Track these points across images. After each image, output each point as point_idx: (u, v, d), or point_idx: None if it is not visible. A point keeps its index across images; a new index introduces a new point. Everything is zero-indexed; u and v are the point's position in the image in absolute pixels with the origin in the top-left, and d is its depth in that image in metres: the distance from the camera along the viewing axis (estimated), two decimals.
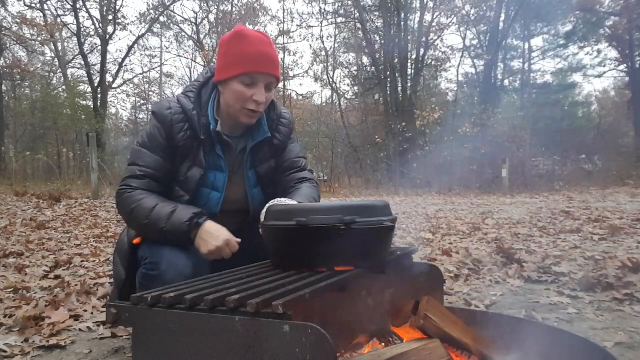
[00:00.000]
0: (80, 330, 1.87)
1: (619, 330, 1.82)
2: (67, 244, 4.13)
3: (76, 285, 2.56)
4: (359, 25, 21.58)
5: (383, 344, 1.31)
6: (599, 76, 24.17)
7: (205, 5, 23.18)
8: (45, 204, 7.57)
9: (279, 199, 1.50)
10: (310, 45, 48.47)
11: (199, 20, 23.36)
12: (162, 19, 22.76)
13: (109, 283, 2.58)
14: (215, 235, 1.40)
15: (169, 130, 1.49)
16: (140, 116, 26.08)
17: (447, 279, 2.65)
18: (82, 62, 20.92)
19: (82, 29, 19.95)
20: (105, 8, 20.20)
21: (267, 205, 1.39)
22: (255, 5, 23.14)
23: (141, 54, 37.61)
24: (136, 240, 1.49)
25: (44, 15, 19.35)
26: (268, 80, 1.48)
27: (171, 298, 0.95)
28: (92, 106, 19.30)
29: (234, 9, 23.27)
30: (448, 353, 1.15)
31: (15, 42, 19.42)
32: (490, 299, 2.32)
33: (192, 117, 1.50)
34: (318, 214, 1.12)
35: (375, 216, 1.16)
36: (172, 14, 22.99)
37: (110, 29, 20.45)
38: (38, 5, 19.20)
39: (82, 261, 3.31)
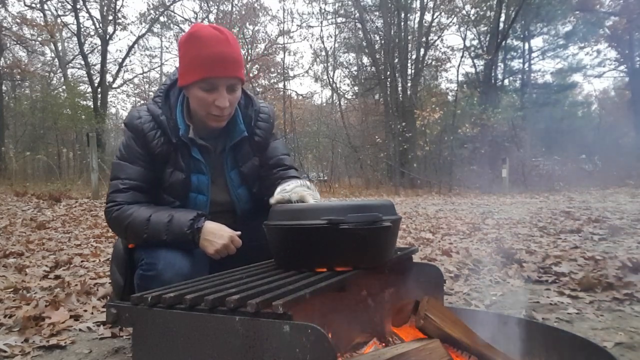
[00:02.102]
0: (80, 330, 1.87)
1: (619, 330, 1.82)
2: (67, 244, 4.13)
3: (76, 285, 2.56)
4: (359, 25, 21.59)
5: (383, 344, 1.31)
6: (599, 76, 24.20)
7: (205, 5, 23.19)
8: (45, 204, 7.57)
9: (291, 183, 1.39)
10: (310, 45, 48.61)
11: (199, 20, 23.34)
12: (162, 19, 22.76)
13: (109, 283, 2.58)
14: (219, 234, 1.40)
15: (143, 138, 1.47)
16: None
17: (447, 279, 2.65)
18: (82, 62, 20.87)
19: (82, 29, 19.91)
20: (105, 8, 20.15)
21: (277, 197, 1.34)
22: (255, 5, 23.14)
23: (141, 54, 37.73)
24: (132, 245, 1.49)
25: (44, 15, 19.32)
26: (229, 82, 1.41)
27: (171, 298, 0.95)
28: (92, 106, 19.24)
29: (234, 9, 23.28)
30: (448, 353, 1.15)
31: (15, 42, 19.39)
32: (490, 299, 2.32)
33: (161, 122, 1.47)
34: (316, 213, 1.12)
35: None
36: (172, 14, 23.00)
37: (110, 29, 20.40)
38: (38, 5, 19.16)
39: (82, 261, 3.31)
